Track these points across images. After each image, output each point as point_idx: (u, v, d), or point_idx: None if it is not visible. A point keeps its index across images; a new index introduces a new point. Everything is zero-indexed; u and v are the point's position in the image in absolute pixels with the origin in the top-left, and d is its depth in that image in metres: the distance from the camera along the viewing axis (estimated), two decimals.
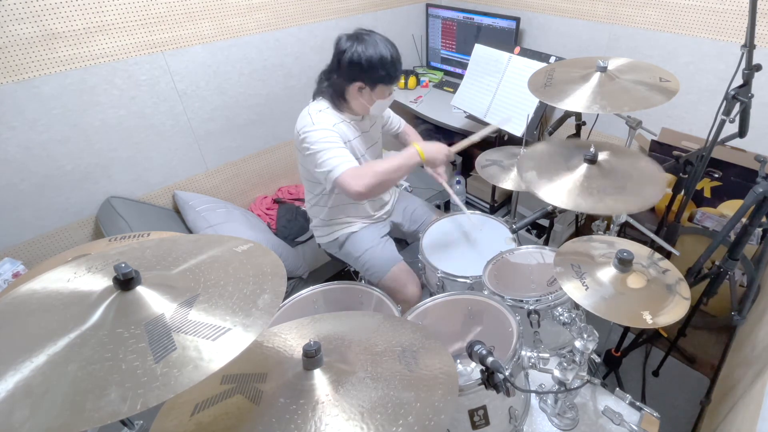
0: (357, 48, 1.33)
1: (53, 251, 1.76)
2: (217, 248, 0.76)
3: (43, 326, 0.58)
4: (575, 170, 1.12)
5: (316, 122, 1.38)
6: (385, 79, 1.37)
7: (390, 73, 1.36)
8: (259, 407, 0.64)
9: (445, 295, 1.18)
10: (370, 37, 1.35)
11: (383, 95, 1.42)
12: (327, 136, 1.37)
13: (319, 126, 1.37)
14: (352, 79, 1.37)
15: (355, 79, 1.37)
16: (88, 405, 0.48)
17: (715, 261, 1.40)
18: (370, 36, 1.35)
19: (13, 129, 1.52)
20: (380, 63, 1.33)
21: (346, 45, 1.34)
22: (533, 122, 1.93)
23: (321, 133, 1.37)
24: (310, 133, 1.37)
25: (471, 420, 0.91)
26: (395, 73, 1.38)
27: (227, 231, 1.85)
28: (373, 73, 1.35)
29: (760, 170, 1.19)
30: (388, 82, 1.39)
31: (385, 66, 1.34)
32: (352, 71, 1.35)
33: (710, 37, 1.83)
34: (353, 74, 1.36)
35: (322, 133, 1.37)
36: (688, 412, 1.69)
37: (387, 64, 1.34)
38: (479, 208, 2.75)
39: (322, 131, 1.37)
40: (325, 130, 1.37)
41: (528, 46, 2.26)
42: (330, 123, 1.40)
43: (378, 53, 1.33)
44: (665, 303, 0.85)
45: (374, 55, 1.32)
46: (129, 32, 1.68)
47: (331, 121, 1.41)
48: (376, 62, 1.33)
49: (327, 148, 1.35)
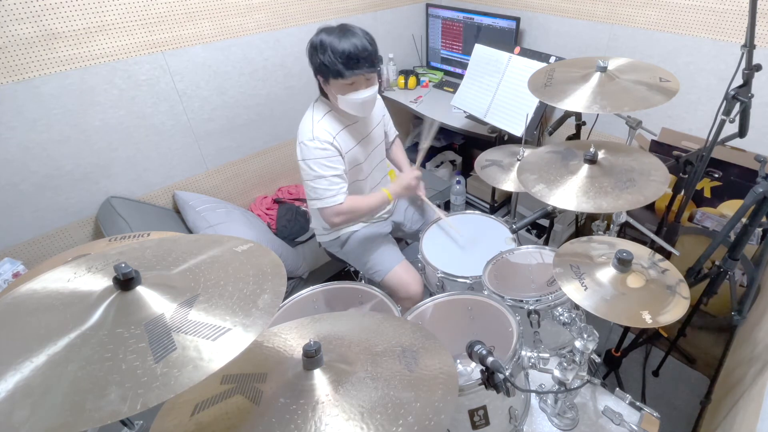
0: (312, 39, 1.30)
1: (53, 251, 1.76)
2: (217, 248, 0.76)
3: (43, 326, 0.58)
4: (578, 173, 1.12)
5: (315, 135, 1.36)
6: (332, 71, 1.25)
7: (334, 63, 1.23)
8: (259, 407, 0.64)
9: (445, 295, 1.18)
10: (335, 28, 1.28)
11: (342, 90, 1.32)
12: (322, 157, 1.36)
13: (318, 143, 1.36)
14: (315, 73, 1.36)
15: (315, 73, 1.35)
16: (88, 405, 0.48)
17: (715, 261, 1.40)
18: (338, 27, 1.29)
19: (13, 129, 1.52)
20: (322, 51, 1.24)
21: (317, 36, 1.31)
22: (533, 122, 1.93)
23: (317, 153, 1.36)
24: (307, 148, 1.37)
25: (471, 420, 0.91)
26: (341, 62, 1.23)
27: (227, 231, 1.85)
28: (320, 64, 1.27)
29: (760, 170, 1.19)
30: (336, 75, 1.26)
31: (325, 54, 1.23)
32: (311, 62, 1.33)
33: (710, 37, 1.83)
34: (312, 66, 1.33)
35: (319, 152, 1.36)
36: (688, 412, 1.69)
37: (326, 52, 1.23)
38: (479, 208, 2.75)
39: (319, 150, 1.36)
40: (323, 150, 1.36)
41: (528, 46, 2.26)
42: (330, 136, 1.38)
43: (318, 40, 1.25)
44: (665, 303, 0.85)
45: (315, 42, 1.27)
46: (129, 32, 1.68)
47: (332, 132, 1.40)
48: (319, 51, 1.25)
49: (322, 175, 1.37)
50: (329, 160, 1.38)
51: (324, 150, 1.36)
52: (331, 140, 1.38)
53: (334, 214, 1.43)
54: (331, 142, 1.38)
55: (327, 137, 1.37)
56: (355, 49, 1.24)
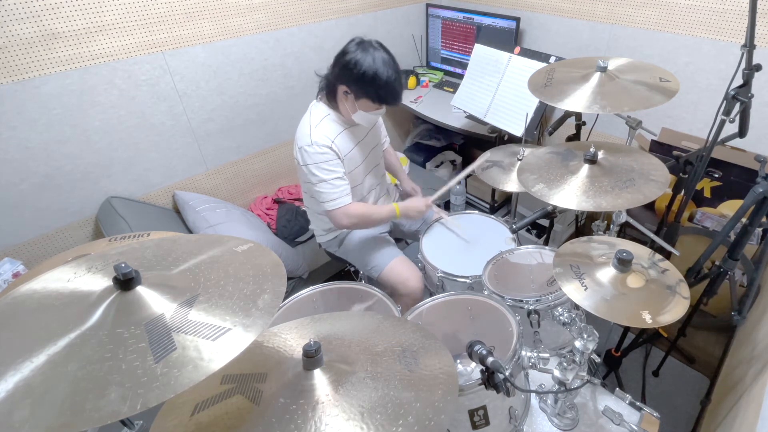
0: (358, 55, 1.32)
1: (53, 251, 1.76)
2: (217, 248, 0.76)
3: (43, 326, 0.58)
4: (578, 173, 1.12)
5: (314, 140, 1.38)
6: (372, 96, 1.36)
7: (378, 92, 1.35)
8: (259, 407, 0.64)
9: (445, 295, 1.18)
10: (374, 51, 1.33)
11: (367, 108, 1.40)
12: (323, 161, 1.39)
13: (317, 147, 1.38)
14: (341, 81, 1.38)
15: (343, 82, 1.37)
16: (88, 405, 0.48)
17: (715, 261, 1.40)
18: (376, 50, 1.34)
19: (13, 129, 1.52)
20: (371, 79, 1.32)
21: (351, 47, 1.35)
22: (533, 122, 1.93)
23: (318, 157, 1.38)
24: (307, 153, 1.39)
25: (471, 420, 0.91)
26: (384, 95, 1.36)
27: (227, 231, 1.85)
28: (362, 85, 1.34)
29: (760, 170, 1.19)
30: (375, 101, 1.37)
31: (374, 84, 1.33)
32: (344, 73, 1.35)
33: (710, 37, 1.83)
34: (344, 76, 1.36)
35: (319, 156, 1.38)
36: (688, 412, 1.69)
37: (377, 83, 1.32)
38: (479, 208, 2.75)
39: (319, 155, 1.38)
40: (323, 154, 1.38)
41: (528, 46, 2.26)
42: (329, 139, 1.40)
43: (373, 69, 1.31)
44: (665, 303, 0.85)
45: (368, 70, 1.31)
46: (129, 32, 1.68)
47: (331, 134, 1.42)
48: (368, 77, 1.32)
49: (324, 179, 1.40)
50: (329, 164, 1.40)
51: (323, 154, 1.39)
52: (329, 144, 1.40)
53: (343, 216, 1.45)
54: (329, 146, 1.40)
55: (325, 141, 1.39)
56: (393, 79, 1.35)
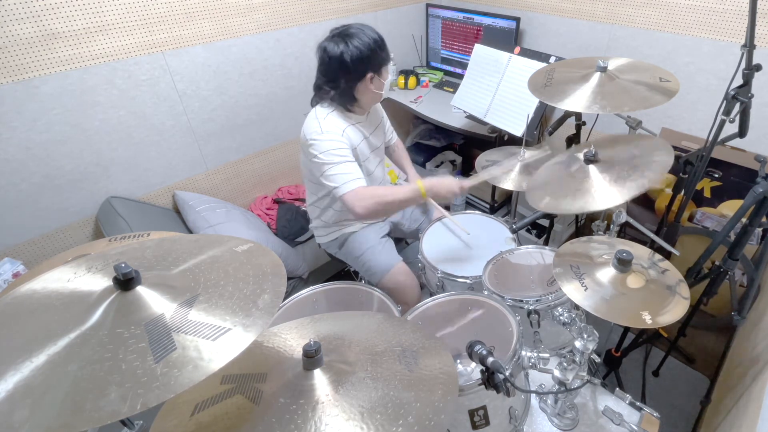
0: (352, 44, 1.34)
1: (53, 251, 1.76)
2: (217, 248, 0.76)
3: (43, 326, 0.58)
4: (581, 176, 1.11)
5: (324, 129, 1.38)
6: (386, 58, 1.43)
7: (387, 50, 1.43)
8: (259, 407, 0.64)
9: (445, 295, 1.18)
10: (354, 30, 1.37)
11: (387, 75, 1.47)
12: (335, 147, 1.37)
13: (328, 135, 1.38)
14: (363, 73, 1.39)
15: (365, 72, 1.39)
16: (88, 405, 0.48)
17: (715, 261, 1.40)
18: (352, 29, 1.38)
19: (13, 129, 1.52)
20: (378, 46, 1.39)
21: (340, 48, 1.34)
22: (533, 122, 1.93)
23: (329, 144, 1.37)
24: (318, 142, 1.37)
25: (471, 420, 0.91)
26: (388, 50, 1.45)
27: (227, 231, 1.85)
28: (376, 58, 1.39)
29: (760, 170, 1.19)
30: (388, 60, 1.45)
31: (382, 47, 1.40)
32: (360, 66, 1.37)
33: (710, 37, 1.83)
34: (363, 69, 1.38)
35: (331, 143, 1.37)
36: (688, 412, 1.69)
37: (381, 44, 1.40)
38: (479, 208, 2.75)
39: (331, 141, 1.37)
40: (334, 141, 1.38)
41: (528, 46, 2.26)
42: (339, 129, 1.41)
43: (371, 39, 1.37)
44: (665, 303, 0.85)
45: (370, 42, 1.37)
46: (129, 32, 1.68)
47: (340, 126, 1.42)
48: (376, 47, 1.38)
49: (335, 162, 1.36)
50: (341, 150, 1.38)
51: (334, 141, 1.38)
52: (340, 132, 1.41)
53: (356, 199, 1.32)
54: (340, 137, 1.40)
55: (336, 130, 1.41)
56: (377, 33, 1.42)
